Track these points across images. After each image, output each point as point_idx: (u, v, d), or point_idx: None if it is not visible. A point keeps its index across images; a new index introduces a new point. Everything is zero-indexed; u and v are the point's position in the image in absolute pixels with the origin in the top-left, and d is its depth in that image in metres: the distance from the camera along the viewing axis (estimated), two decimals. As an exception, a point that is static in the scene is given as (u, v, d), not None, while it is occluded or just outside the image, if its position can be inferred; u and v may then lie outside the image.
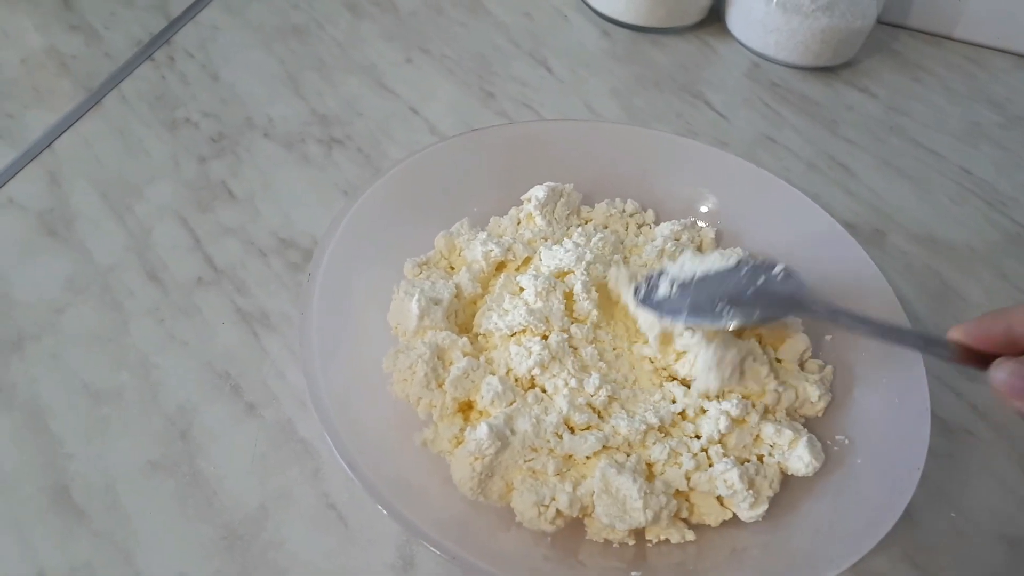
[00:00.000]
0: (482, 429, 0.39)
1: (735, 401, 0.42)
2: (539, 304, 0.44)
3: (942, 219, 0.64)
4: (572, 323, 0.45)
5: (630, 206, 0.54)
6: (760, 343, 0.46)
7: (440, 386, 0.42)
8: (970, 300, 0.58)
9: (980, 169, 0.69)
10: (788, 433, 0.41)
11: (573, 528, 0.40)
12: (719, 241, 0.53)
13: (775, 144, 0.68)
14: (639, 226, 0.54)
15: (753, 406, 0.42)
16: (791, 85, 0.75)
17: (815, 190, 0.64)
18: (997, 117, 0.74)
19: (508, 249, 0.47)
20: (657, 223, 0.54)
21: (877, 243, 0.61)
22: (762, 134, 0.69)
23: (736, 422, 0.41)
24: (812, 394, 0.43)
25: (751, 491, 0.39)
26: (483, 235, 0.48)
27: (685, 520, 0.41)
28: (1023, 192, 0.67)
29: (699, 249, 0.52)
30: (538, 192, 0.51)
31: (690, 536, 0.40)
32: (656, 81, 0.73)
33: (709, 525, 0.41)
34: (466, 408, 0.43)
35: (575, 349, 0.44)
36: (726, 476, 0.39)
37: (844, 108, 0.73)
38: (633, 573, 0.38)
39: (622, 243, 0.51)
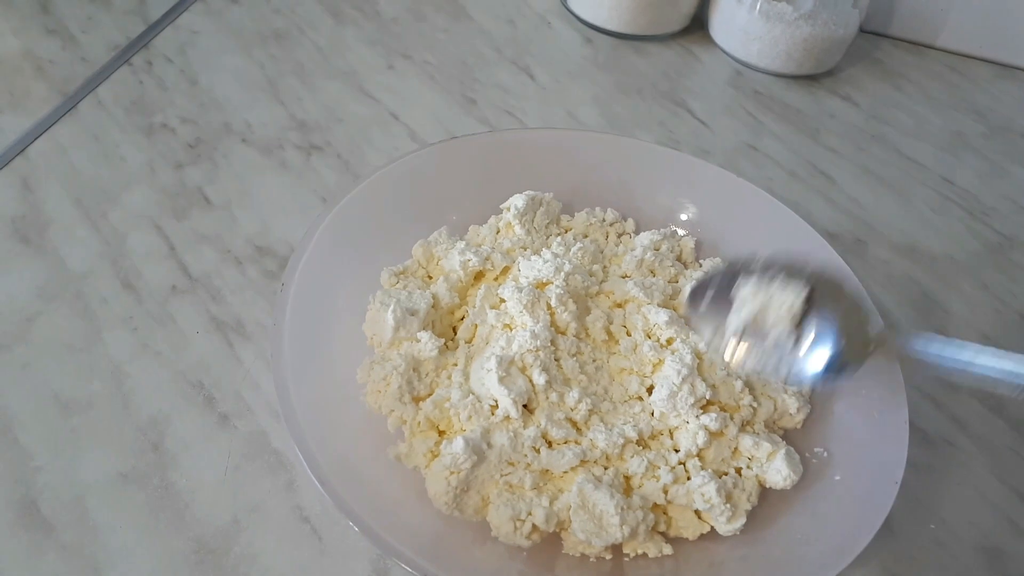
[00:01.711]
0: (458, 443, 0.38)
1: (714, 415, 0.41)
2: (528, 318, 0.43)
3: (923, 229, 0.64)
4: (556, 335, 0.44)
5: (610, 215, 0.54)
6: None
7: (415, 400, 0.41)
8: (951, 310, 0.58)
9: (962, 179, 0.69)
10: (766, 446, 0.41)
11: (549, 542, 0.40)
12: (699, 251, 0.53)
13: (757, 152, 0.68)
14: (619, 235, 0.53)
15: (731, 419, 0.42)
16: (773, 93, 0.75)
17: (796, 199, 0.64)
18: (979, 126, 0.74)
19: (486, 259, 0.47)
20: (637, 232, 0.53)
21: (858, 253, 0.61)
22: (744, 142, 0.69)
23: (714, 435, 0.41)
24: (791, 406, 0.43)
25: (729, 505, 0.39)
26: (461, 244, 0.48)
27: (663, 534, 0.40)
28: (1005, 202, 0.67)
29: (679, 259, 0.52)
30: (517, 201, 0.50)
31: (668, 550, 0.39)
32: (638, 89, 0.73)
33: (687, 539, 0.40)
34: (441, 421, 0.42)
35: (558, 361, 0.43)
36: (703, 489, 0.39)
37: (826, 116, 0.73)
38: (608, 589, 0.37)
39: (602, 252, 0.51)
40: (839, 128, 0.72)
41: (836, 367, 0.39)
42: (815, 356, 0.40)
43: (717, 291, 0.43)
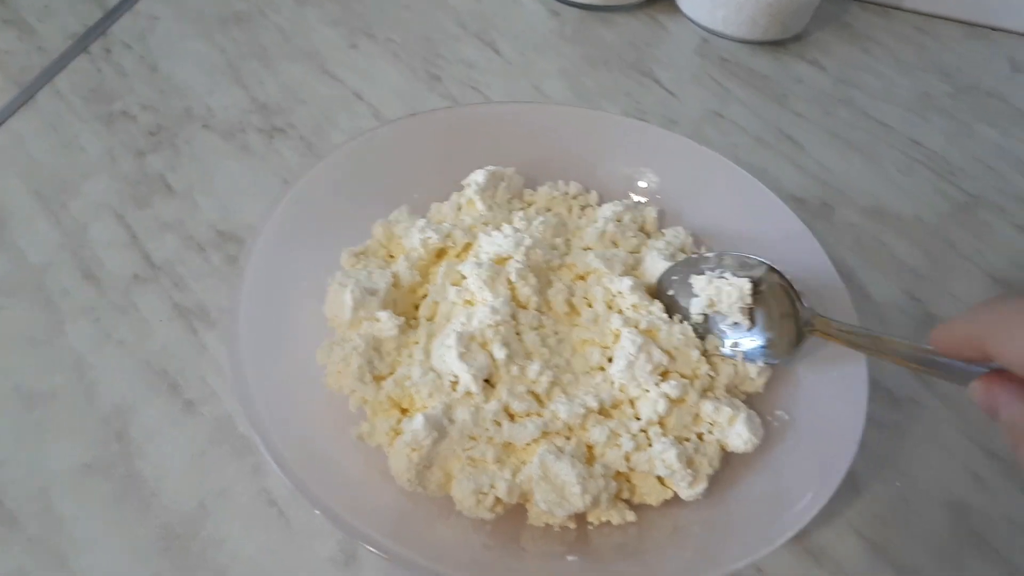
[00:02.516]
0: (418, 420, 0.39)
1: (674, 382, 0.41)
2: (488, 294, 0.43)
3: (890, 191, 0.64)
4: (518, 309, 0.44)
5: (573, 188, 0.53)
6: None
7: (376, 379, 0.41)
8: (919, 271, 0.58)
9: (929, 140, 0.69)
10: (727, 410, 0.41)
11: (514, 514, 0.40)
12: (662, 220, 0.53)
13: (723, 120, 0.68)
14: (583, 208, 0.53)
15: (692, 385, 0.42)
16: (740, 60, 0.74)
17: (763, 165, 0.64)
18: (947, 87, 0.74)
19: (447, 236, 0.47)
20: (601, 204, 0.53)
21: (825, 216, 0.61)
22: (711, 110, 0.69)
23: (675, 402, 0.41)
24: (751, 370, 0.43)
25: (690, 470, 0.39)
26: (422, 222, 0.48)
27: (627, 501, 0.41)
28: (972, 162, 0.67)
29: (642, 229, 0.52)
30: (477, 177, 0.50)
31: (631, 517, 0.40)
32: (605, 60, 0.73)
33: (651, 505, 0.41)
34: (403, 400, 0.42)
35: (519, 335, 0.43)
36: (664, 456, 0.39)
37: (793, 81, 0.73)
38: (569, 558, 0.37)
39: (565, 225, 0.51)
40: (806, 93, 0.72)
41: (775, 354, 0.44)
42: (758, 342, 0.45)
43: (679, 284, 0.47)
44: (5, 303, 0.49)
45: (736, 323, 0.45)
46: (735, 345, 0.45)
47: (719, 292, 0.45)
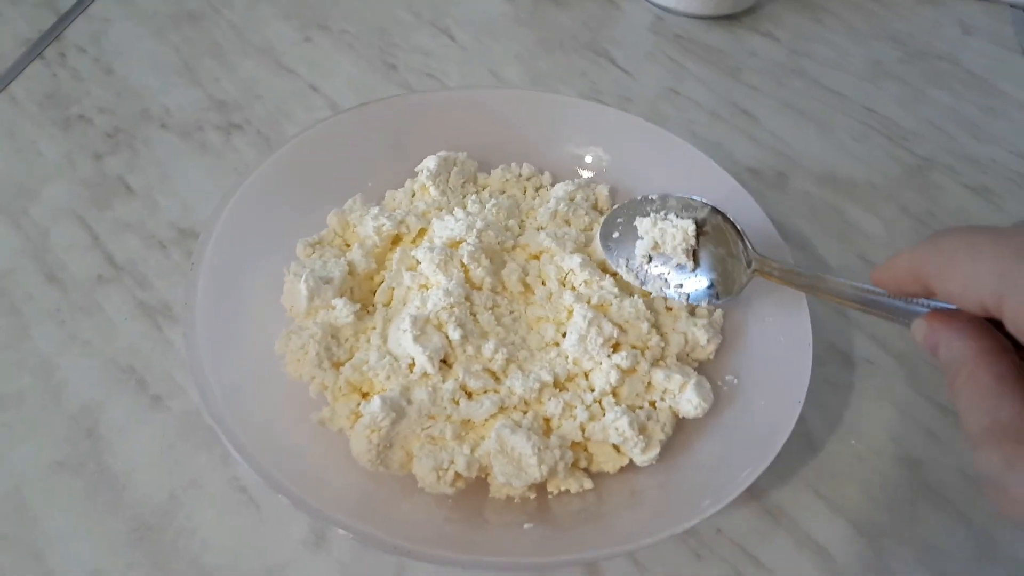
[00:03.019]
0: (375, 402, 0.40)
1: (624, 353, 0.42)
2: (441, 277, 0.44)
3: (844, 158, 0.65)
4: (472, 290, 0.45)
5: (526, 170, 0.54)
6: (649, 294, 0.47)
7: (334, 366, 0.42)
8: (872, 235, 0.60)
9: (882, 106, 0.70)
10: (678, 378, 0.42)
11: (476, 489, 0.41)
12: (614, 197, 0.54)
13: (679, 96, 0.69)
14: (536, 189, 0.54)
15: (643, 355, 0.43)
16: (694, 36, 0.75)
17: (719, 139, 0.65)
18: (898, 53, 0.75)
19: (401, 222, 0.48)
20: (554, 185, 0.54)
21: (780, 186, 0.62)
22: (666, 87, 0.70)
23: (626, 372, 0.42)
24: (701, 338, 0.45)
25: (642, 436, 0.41)
26: (375, 210, 0.48)
27: (585, 469, 0.42)
28: (924, 126, 0.69)
29: (594, 207, 0.53)
30: (429, 163, 0.51)
31: (588, 484, 0.41)
32: (560, 42, 0.73)
33: (608, 472, 0.42)
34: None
35: (474, 316, 0.44)
36: (617, 424, 0.40)
37: (747, 55, 0.74)
38: (526, 525, 0.39)
39: (518, 207, 0.52)
40: (760, 65, 0.73)
41: (719, 294, 0.45)
42: (703, 283, 0.46)
43: (623, 225, 0.48)
44: (-31, 310, 0.50)
45: (681, 265, 0.45)
46: (680, 287, 0.46)
47: (663, 234, 0.46)
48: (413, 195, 0.51)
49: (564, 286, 0.46)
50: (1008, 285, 0.25)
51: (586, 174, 0.55)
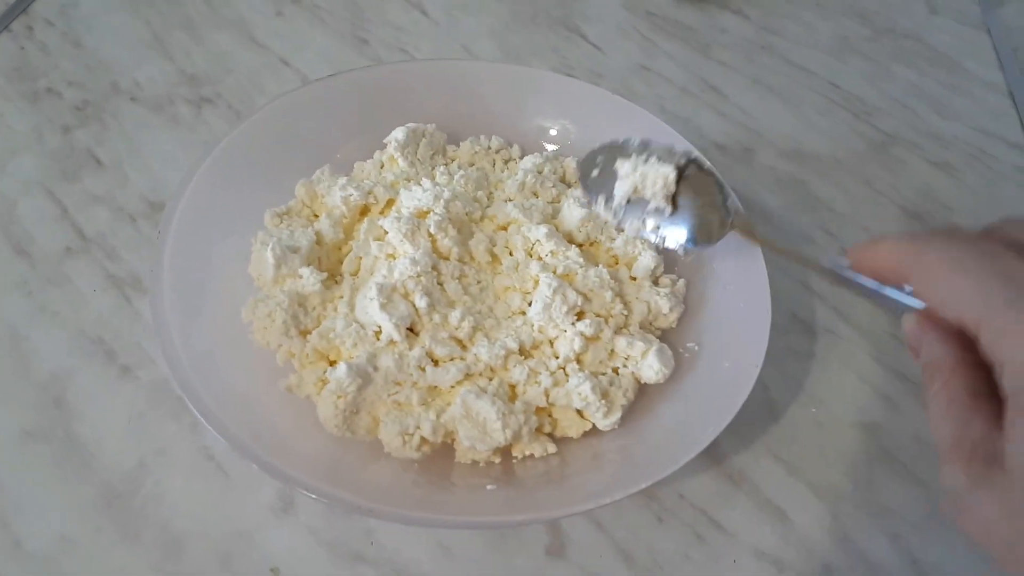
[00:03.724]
0: (341, 368, 0.40)
1: (588, 321, 0.43)
2: (408, 247, 0.45)
3: (809, 133, 0.66)
4: (439, 260, 0.46)
5: (495, 142, 0.55)
6: (615, 264, 0.48)
7: (302, 334, 0.43)
8: (836, 208, 0.61)
9: (848, 82, 0.71)
10: (640, 345, 0.43)
11: (442, 454, 0.42)
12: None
13: (650, 72, 0.70)
14: (505, 161, 0.55)
15: (606, 323, 0.44)
16: (666, 13, 0.76)
17: (687, 115, 0.66)
18: (865, 30, 0.76)
19: (369, 193, 0.48)
20: (522, 158, 0.55)
21: (746, 160, 0.63)
22: (637, 63, 0.70)
23: (590, 340, 0.43)
24: (663, 307, 0.45)
25: (604, 401, 0.41)
26: (343, 180, 0.49)
27: (550, 435, 0.43)
28: (888, 102, 0.70)
29: (562, 180, 0.53)
30: (398, 134, 0.51)
31: (552, 449, 0.42)
32: (532, 17, 0.74)
33: (572, 437, 0.43)
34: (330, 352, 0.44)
35: (441, 285, 0.45)
36: (580, 389, 0.41)
37: (718, 32, 0.74)
38: (490, 487, 0.39)
39: (487, 179, 0.52)
40: (730, 42, 0.73)
41: (696, 240, 0.45)
42: (680, 228, 0.46)
43: (603, 165, 0.48)
44: (-64, 281, 0.50)
45: (659, 208, 0.46)
46: (657, 228, 0.46)
47: (644, 178, 0.46)
48: (382, 166, 0.52)
49: (531, 256, 0.47)
50: (988, 310, 0.25)
51: (554, 147, 0.55)
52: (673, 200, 0.46)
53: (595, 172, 0.48)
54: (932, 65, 0.73)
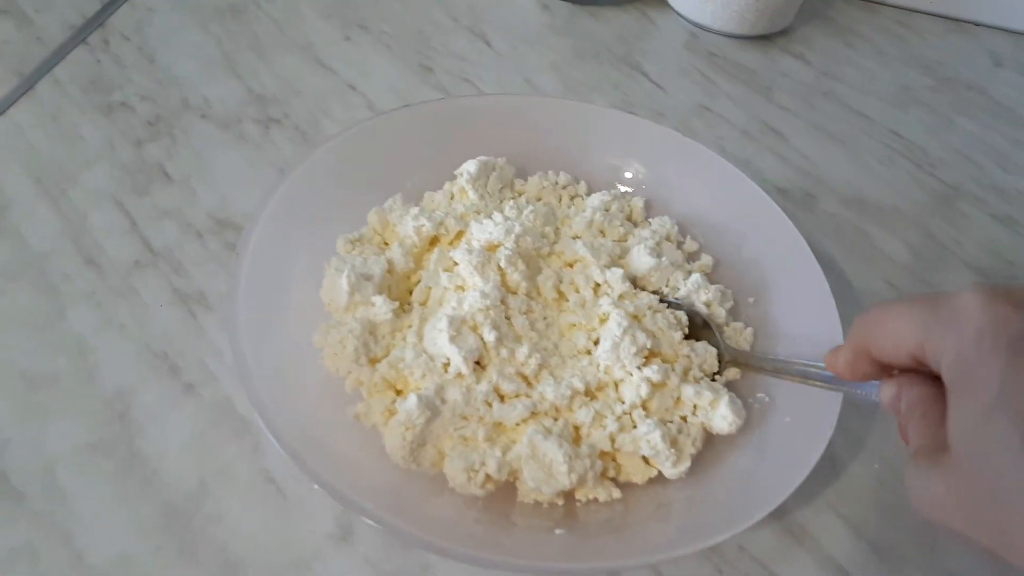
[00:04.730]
0: (411, 400, 0.40)
1: (655, 367, 0.43)
2: (478, 279, 0.45)
3: (871, 181, 0.66)
4: (507, 294, 0.46)
5: (563, 178, 0.55)
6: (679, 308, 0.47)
7: (371, 362, 0.43)
8: (897, 260, 0.60)
9: (909, 131, 0.70)
10: (708, 394, 0.43)
11: (505, 492, 0.42)
12: (648, 210, 0.54)
13: (710, 113, 0.70)
14: (572, 197, 0.55)
15: (672, 369, 0.44)
16: (727, 54, 0.76)
17: (748, 157, 0.66)
18: (927, 80, 0.76)
19: (440, 223, 0.48)
20: (589, 194, 0.55)
21: (808, 207, 0.63)
22: (698, 103, 0.70)
23: (656, 386, 0.43)
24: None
25: (674, 450, 0.41)
26: (415, 210, 0.49)
27: (613, 479, 0.42)
28: (950, 153, 0.69)
29: (629, 218, 0.53)
30: (470, 166, 0.51)
31: (617, 494, 0.41)
32: (595, 53, 0.74)
33: (636, 483, 0.42)
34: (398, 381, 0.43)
35: (509, 319, 0.45)
36: (649, 437, 0.41)
37: (779, 75, 0.74)
38: (557, 531, 0.39)
39: (554, 214, 0.52)
40: (791, 86, 0.73)
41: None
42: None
43: None
44: (8, 288, 0.51)
45: None
46: None
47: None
48: (452, 197, 0.52)
49: (597, 295, 0.47)
50: (926, 332, 0.29)
51: (622, 186, 0.55)
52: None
53: None
54: (995, 118, 0.73)
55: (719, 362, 0.46)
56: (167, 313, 0.50)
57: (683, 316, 0.47)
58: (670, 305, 0.48)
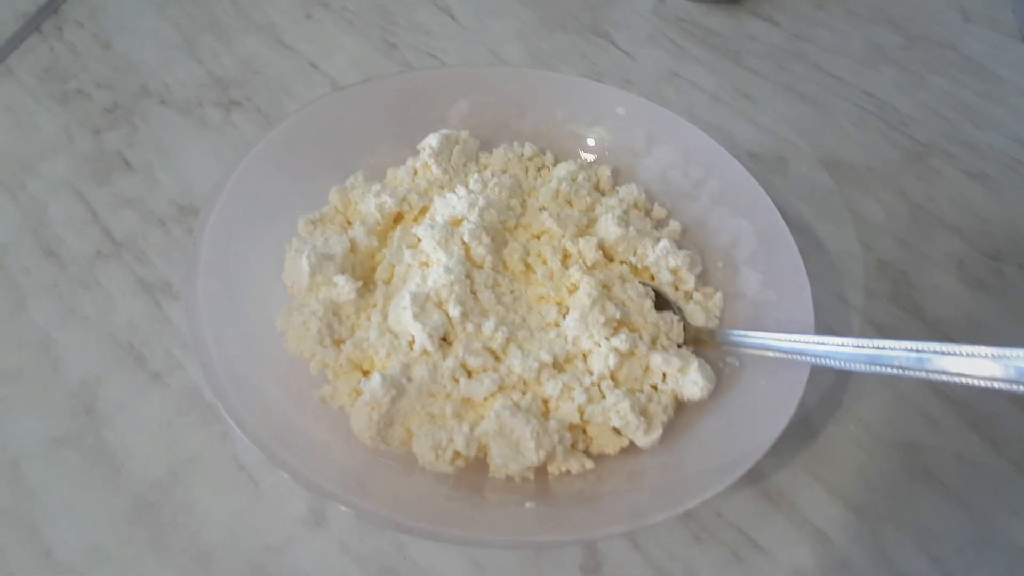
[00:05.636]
0: (375, 380, 0.40)
1: (623, 336, 0.42)
2: (442, 255, 0.44)
3: (843, 142, 0.65)
4: (473, 269, 0.45)
5: (528, 149, 0.54)
6: (650, 280, 0.47)
7: (335, 343, 0.42)
8: (872, 220, 0.60)
9: (881, 91, 0.70)
10: (677, 361, 0.42)
11: (476, 468, 0.41)
12: (616, 178, 0.54)
13: (680, 79, 0.69)
14: (538, 169, 0.54)
15: (640, 338, 0.43)
16: (696, 19, 0.75)
17: (719, 122, 0.65)
18: (898, 38, 0.75)
19: (403, 200, 0.47)
20: (556, 165, 0.54)
21: (780, 170, 0.62)
22: (667, 70, 0.69)
23: (624, 356, 0.42)
24: (699, 321, 0.45)
25: (644, 419, 0.41)
26: (377, 187, 0.48)
27: (585, 451, 0.42)
28: (922, 111, 0.68)
29: (596, 187, 0.52)
30: (431, 140, 0.50)
31: (589, 465, 0.41)
32: (561, 23, 0.73)
33: (608, 453, 0.42)
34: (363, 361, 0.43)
35: (475, 294, 0.44)
36: (618, 407, 0.40)
37: (748, 39, 0.73)
38: (528, 504, 0.39)
39: (520, 186, 0.51)
40: (761, 49, 0.72)
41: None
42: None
43: None
44: (-34, 284, 0.50)
45: None
46: None
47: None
48: (415, 173, 0.51)
49: (566, 267, 0.46)
50: None
51: (588, 155, 0.55)
52: None
53: None
54: (966, 74, 0.72)
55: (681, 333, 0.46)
56: (131, 303, 0.50)
57: (650, 292, 0.46)
58: None
